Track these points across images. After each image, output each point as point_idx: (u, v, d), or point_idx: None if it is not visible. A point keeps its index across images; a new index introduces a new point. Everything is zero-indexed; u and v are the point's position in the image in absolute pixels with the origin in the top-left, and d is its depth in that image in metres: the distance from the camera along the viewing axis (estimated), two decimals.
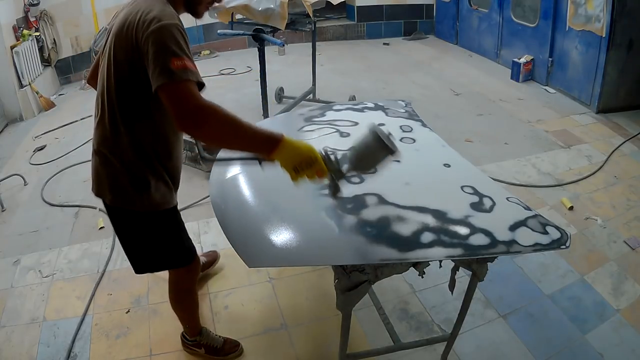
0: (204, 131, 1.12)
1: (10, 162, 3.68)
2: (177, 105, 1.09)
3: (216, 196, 1.64)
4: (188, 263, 1.62)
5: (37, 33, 4.77)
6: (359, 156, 1.24)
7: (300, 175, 1.19)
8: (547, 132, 3.86)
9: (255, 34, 3.52)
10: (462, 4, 6.27)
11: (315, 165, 1.18)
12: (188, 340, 1.89)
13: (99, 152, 1.35)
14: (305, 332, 2.02)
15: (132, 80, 1.22)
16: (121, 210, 1.41)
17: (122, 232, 1.50)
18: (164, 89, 1.10)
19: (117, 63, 1.22)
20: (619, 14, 3.80)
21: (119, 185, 1.35)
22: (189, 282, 1.72)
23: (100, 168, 1.36)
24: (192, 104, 1.09)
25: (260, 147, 1.17)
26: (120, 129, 1.29)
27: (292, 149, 1.17)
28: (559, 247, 1.32)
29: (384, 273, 1.35)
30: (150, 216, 1.42)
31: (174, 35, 1.12)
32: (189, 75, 1.11)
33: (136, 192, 1.35)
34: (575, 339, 1.96)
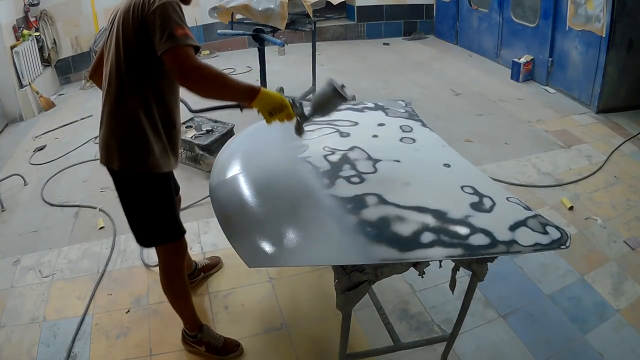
0: (201, 85, 1.35)
1: (10, 162, 3.68)
2: (180, 65, 1.32)
3: (216, 196, 1.65)
4: (177, 238, 1.70)
5: (37, 33, 4.77)
6: (319, 103, 1.50)
7: (273, 118, 1.46)
8: (547, 132, 3.86)
9: (255, 34, 3.53)
10: (462, 4, 6.27)
11: (285, 110, 1.46)
12: (189, 336, 1.89)
13: (108, 121, 1.50)
14: (305, 332, 2.02)
15: (139, 52, 1.41)
16: (128, 174, 1.54)
17: (127, 197, 1.61)
18: (169, 52, 1.31)
19: (125, 39, 1.41)
20: (619, 14, 3.80)
21: (126, 149, 1.50)
22: (176, 264, 1.76)
23: (108, 136, 1.50)
24: (192, 63, 1.32)
25: (244, 96, 1.44)
26: (128, 98, 1.46)
27: (267, 98, 1.44)
28: (559, 247, 1.32)
29: (384, 273, 1.35)
30: (153, 178, 1.56)
31: (176, 10, 1.36)
32: (189, 40, 1.34)
33: (142, 155, 1.50)
34: (575, 339, 1.96)
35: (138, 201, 1.60)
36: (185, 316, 1.87)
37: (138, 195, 1.59)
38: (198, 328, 1.88)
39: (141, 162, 1.51)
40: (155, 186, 1.58)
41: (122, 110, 1.47)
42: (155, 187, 1.59)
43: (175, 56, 1.32)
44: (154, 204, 1.61)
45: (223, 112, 4.09)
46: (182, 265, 1.80)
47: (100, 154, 1.56)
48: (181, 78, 1.33)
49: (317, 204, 1.45)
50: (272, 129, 1.57)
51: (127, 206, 1.63)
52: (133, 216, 1.64)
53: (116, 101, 1.47)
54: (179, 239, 1.71)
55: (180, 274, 1.80)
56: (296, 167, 1.66)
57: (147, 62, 1.42)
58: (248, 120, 2.21)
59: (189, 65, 1.32)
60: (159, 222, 1.65)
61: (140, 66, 1.43)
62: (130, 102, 1.46)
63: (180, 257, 1.76)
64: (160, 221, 1.65)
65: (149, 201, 1.60)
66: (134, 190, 1.58)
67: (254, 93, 1.42)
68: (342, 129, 1.90)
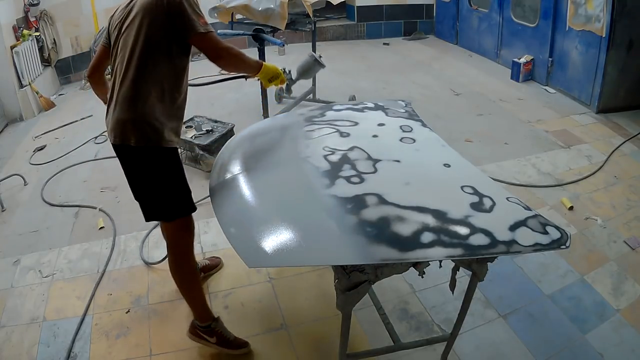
0: (229, 62, 1.73)
1: (10, 162, 3.68)
2: (213, 47, 1.65)
3: (216, 196, 1.65)
4: (190, 211, 1.78)
5: (37, 33, 4.77)
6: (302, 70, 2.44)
7: (271, 83, 1.92)
8: (547, 132, 3.86)
9: (255, 34, 3.52)
10: (462, 4, 6.27)
11: (280, 77, 1.92)
12: (200, 327, 1.87)
13: (125, 101, 1.61)
14: (305, 332, 2.02)
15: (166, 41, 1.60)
16: (145, 149, 1.63)
17: (142, 172, 1.69)
18: (199, 37, 1.60)
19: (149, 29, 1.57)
20: (619, 14, 3.80)
21: (143, 125, 1.61)
22: (186, 241, 1.81)
23: (125, 115, 1.61)
24: (220, 46, 1.66)
25: (253, 69, 1.85)
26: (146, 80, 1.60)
27: (268, 69, 1.87)
28: (559, 247, 1.32)
29: (384, 273, 1.35)
30: (167, 151, 1.67)
31: (197, 3, 1.63)
32: (210, 28, 1.64)
33: (157, 130, 1.63)
34: (575, 339, 1.96)
35: (154, 175, 1.68)
36: (197, 304, 1.86)
37: (154, 169, 1.67)
38: (212, 318, 1.87)
39: (156, 137, 1.62)
40: (170, 159, 1.69)
41: (140, 91, 1.60)
42: (170, 161, 1.69)
43: (208, 40, 1.62)
44: (169, 177, 1.70)
45: (223, 112, 4.11)
46: (191, 243, 1.85)
47: (114, 133, 1.64)
48: (215, 58, 1.66)
49: (317, 204, 1.45)
50: (271, 129, 1.57)
51: (140, 182, 1.71)
52: (147, 192, 1.71)
53: (134, 83, 1.59)
54: (190, 212, 1.78)
55: (190, 254, 1.84)
56: (296, 167, 1.66)
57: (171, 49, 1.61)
58: (248, 121, 2.21)
59: (220, 47, 1.65)
60: (173, 195, 1.72)
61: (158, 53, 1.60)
62: (147, 83, 1.60)
63: (190, 233, 1.83)
64: (175, 194, 1.73)
65: (165, 174, 1.69)
66: (150, 165, 1.67)
67: (259, 66, 1.85)
68: (342, 129, 1.90)
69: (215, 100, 4.48)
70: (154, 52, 1.60)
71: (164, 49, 1.60)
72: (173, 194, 1.73)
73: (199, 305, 1.87)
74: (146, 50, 1.59)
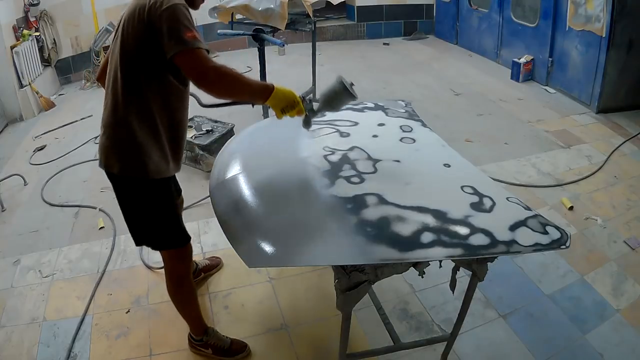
0: (218, 86, 1.37)
1: (10, 162, 3.68)
2: (195, 67, 1.33)
3: (216, 196, 1.64)
4: (181, 244, 1.67)
5: (37, 33, 4.77)
6: (327, 99, 1.55)
7: (285, 114, 1.51)
8: (547, 132, 3.86)
9: (255, 34, 3.53)
10: (462, 4, 6.27)
11: (296, 107, 1.51)
12: (195, 340, 1.89)
13: (107, 126, 1.49)
14: (305, 332, 2.02)
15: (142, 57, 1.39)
16: (128, 179, 1.53)
17: (126, 202, 1.60)
18: (181, 55, 1.32)
19: (129, 43, 1.39)
20: (619, 14, 3.80)
21: (125, 154, 1.49)
22: (182, 269, 1.74)
23: (108, 141, 1.50)
24: (207, 66, 1.33)
25: (259, 95, 1.46)
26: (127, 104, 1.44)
27: (281, 95, 1.47)
28: (559, 247, 1.32)
29: (384, 273, 1.35)
30: (152, 183, 1.54)
31: (184, 13, 1.34)
32: (199, 43, 1.33)
33: (140, 160, 1.49)
34: (575, 339, 1.96)
35: (138, 206, 1.59)
36: (191, 321, 1.86)
37: (138, 200, 1.58)
38: (203, 331, 1.87)
39: (139, 167, 1.50)
40: (154, 192, 1.57)
41: (121, 116, 1.46)
42: (155, 193, 1.57)
43: (189, 58, 1.33)
44: (153, 209, 1.60)
45: (223, 112, 4.08)
46: (188, 271, 1.78)
47: (100, 157, 1.55)
48: (199, 80, 1.34)
49: (317, 204, 1.45)
50: (271, 129, 1.57)
51: (126, 211, 1.62)
52: (133, 221, 1.63)
53: (115, 106, 1.46)
54: (183, 245, 1.68)
55: (187, 280, 1.78)
56: (296, 167, 1.66)
57: (151, 68, 1.41)
58: (248, 121, 2.21)
59: (206, 66, 1.33)
60: (160, 227, 1.63)
61: (143, 72, 1.42)
62: (129, 107, 1.45)
63: (185, 263, 1.74)
64: (161, 227, 1.63)
65: (150, 206, 1.59)
66: (134, 196, 1.57)
67: (268, 91, 1.45)
68: (342, 129, 1.90)
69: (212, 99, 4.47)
70: (136, 76, 1.42)
71: (148, 69, 1.41)
72: (160, 227, 1.63)
73: (193, 321, 1.86)
74: (128, 72, 1.42)
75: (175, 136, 1.58)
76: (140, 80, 1.42)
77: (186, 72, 1.37)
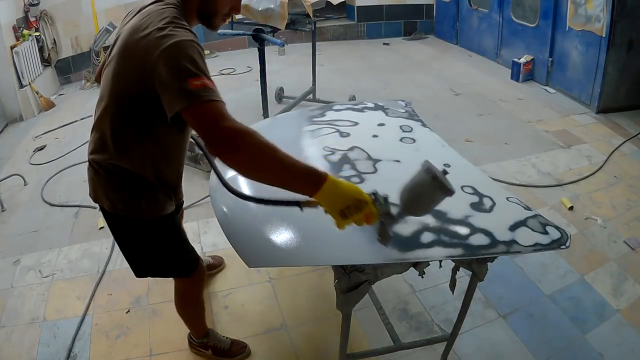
0: (239, 158, 1.01)
1: (10, 162, 3.68)
2: (208, 130, 1.00)
3: (216, 196, 1.64)
4: (188, 274, 1.57)
5: (37, 33, 4.77)
6: (413, 197, 1.07)
7: (347, 220, 1.04)
8: (547, 132, 3.86)
9: (255, 34, 3.52)
10: (462, 4, 6.27)
11: (364, 209, 1.03)
12: (195, 342, 1.89)
13: (93, 162, 1.30)
14: (305, 332, 2.02)
15: (138, 102, 1.15)
16: (119, 217, 1.37)
17: (120, 238, 1.48)
18: (188, 113, 1.01)
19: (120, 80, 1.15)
20: (619, 14, 3.80)
21: (115, 193, 1.31)
22: (193, 291, 1.68)
23: (95, 176, 1.31)
24: (225, 127, 0.98)
25: (302, 183, 1.02)
26: (119, 144, 1.23)
27: (338, 190, 1.02)
28: (559, 247, 1.32)
29: (384, 273, 1.35)
30: (147, 223, 1.38)
31: (189, 53, 1.03)
32: (212, 94, 1.01)
33: (133, 200, 1.31)
34: (575, 339, 1.96)
35: (135, 245, 1.45)
36: (194, 328, 1.86)
37: (134, 239, 1.42)
38: (205, 334, 1.87)
39: (132, 208, 1.31)
40: (152, 230, 1.39)
41: (108, 160, 1.25)
42: (153, 231, 1.40)
43: (199, 118, 1.00)
44: (153, 247, 1.44)
45: None
46: (200, 289, 1.69)
47: (89, 188, 1.36)
48: (211, 146, 1.00)
49: None
50: (272, 129, 1.55)
51: (123, 247, 1.47)
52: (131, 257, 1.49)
53: (101, 145, 1.25)
54: (192, 272, 1.56)
55: (196, 301, 1.72)
56: None
57: (144, 118, 1.17)
58: (248, 120, 2.20)
59: (221, 129, 0.98)
60: (162, 262, 1.50)
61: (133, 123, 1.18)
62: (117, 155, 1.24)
63: (198, 282, 1.63)
64: (164, 261, 1.50)
65: (148, 245, 1.43)
66: (129, 235, 1.42)
67: (318, 181, 1.01)
68: (342, 129, 1.90)
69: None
70: (129, 116, 1.17)
71: (140, 121, 1.16)
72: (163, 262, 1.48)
73: (196, 326, 1.85)
74: (118, 113, 1.17)
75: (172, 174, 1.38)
76: (130, 135, 1.20)
77: (202, 136, 1.05)
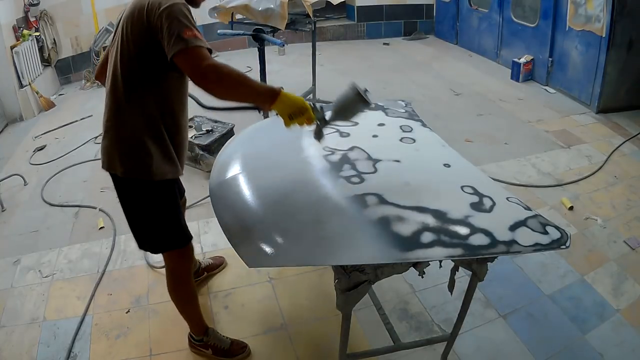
0: (218, 85, 1.32)
1: (10, 162, 3.68)
2: (194, 66, 1.29)
3: (216, 196, 1.64)
4: (184, 244, 1.68)
5: (37, 33, 4.77)
6: (340, 107, 1.44)
7: (292, 121, 1.40)
8: (547, 132, 3.86)
9: (255, 34, 3.53)
10: (462, 4, 6.27)
11: (305, 114, 1.40)
12: (195, 340, 1.89)
13: (109, 128, 1.49)
14: (305, 332, 2.02)
15: (142, 58, 1.39)
16: (131, 181, 1.53)
17: (128, 203, 1.60)
18: (181, 54, 1.29)
19: (129, 44, 1.39)
20: (619, 14, 3.80)
21: (128, 156, 1.49)
22: (183, 269, 1.75)
23: (110, 143, 1.49)
24: (207, 64, 1.29)
25: (263, 98, 1.38)
26: (129, 106, 1.45)
27: (288, 100, 1.38)
28: (559, 247, 1.32)
29: (384, 273, 1.35)
30: (156, 185, 1.54)
31: (183, 12, 1.33)
32: (200, 42, 1.31)
33: (144, 163, 1.49)
34: (575, 339, 1.96)
35: (141, 208, 1.59)
36: (192, 320, 1.87)
37: (141, 202, 1.57)
38: (204, 331, 1.88)
39: (143, 169, 1.50)
40: (158, 193, 1.57)
41: (123, 118, 1.47)
42: (159, 195, 1.57)
43: (189, 57, 1.30)
44: (157, 211, 1.59)
45: (223, 112, 4.10)
46: (189, 270, 1.79)
47: (103, 159, 1.55)
48: (198, 79, 1.30)
49: (317, 204, 1.45)
50: (272, 129, 1.56)
51: (129, 213, 1.62)
52: (136, 223, 1.63)
53: (116, 108, 1.47)
54: (185, 245, 1.69)
55: (188, 279, 1.79)
56: (296, 167, 1.66)
57: (150, 67, 1.41)
58: (248, 121, 2.21)
59: (205, 65, 1.29)
60: (163, 229, 1.63)
61: (142, 72, 1.42)
62: (131, 109, 1.45)
63: (187, 262, 1.75)
64: (165, 228, 1.63)
65: (153, 208, 1.58)
66: (137, 198, 1.57)
67: (274, 95, 1.37)
68: (342, 129, 1.90)
69: (215, 100, 4.48)
70: (137, 75, 1.42)
71: (148, 71, 1.42)
72: (162, 228, 1.63)
73: (193, 321, 1.87)
74: (128, 72, 1.42)
75: (176, 137, 1.57)
76: (140, 81, 1.43)
77: (185, 72, 1.34)
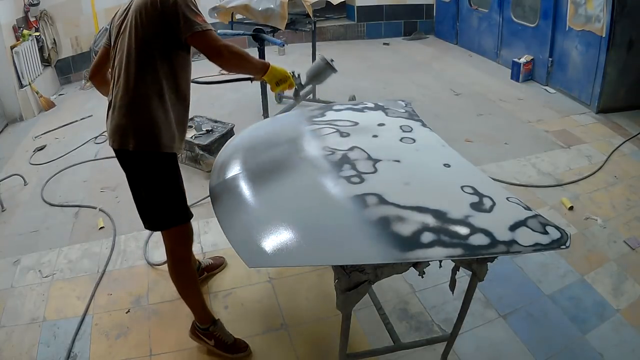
0: (229, 60, 1.63)
1: (10, 162, 3.68)
2: (210, 46, 1.57)
3: (216, 196, 1.65)
4: (185, 220, 1.76)
5: (37, 33, 4.77)
6: (313, 74, 2.15)
7: (278, 87, 1.83)
8: (547, 132, 3.86)
9: (255, 34, 3.53)
10: (462, 4, 6.27)
11: (288, 81, 1.85)
12: (199, 328, 1.88)
13: (123, 105, 1.60)
14: (305, 332, 2.02)
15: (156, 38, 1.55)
16: (142, 154, 1.63)
17: (138, 178, 1.67)
18: (196, 35, 1.54)
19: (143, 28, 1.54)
20: (619, 14, 3.80)
21: (141, 130, 1.60)
22: (183, 251, 1.80)
23: (124, 119, 1.60)
24: (220, 44, 1.58)
25: (258, 70, 1.77)
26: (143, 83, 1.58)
27: (275, 72, 1.80)
28: (559, 247, 1.32)
29: (384, 273, 1.35)
30: (165, 157, 1.66)
31: (193, 1, 1.58)
32: (210, 26, 1.58)
33: (155, 135, 1.61)
34: (575, 339, 1.96)
35: (149, 181, 1.66)
36: (196, 307, 1.87)
37: (150, 174, 1.65)
38: (211, 321, 1.88)
39: (154, 141, 1.61)
40: (166, 165, 1.67)
41: (136, 94, 1.58)
42: (167, 167, 1.67)
43: (204, 38, 1.55)
44: (164, 183, 1.67)
45: (223, 112, 4.11)
46: (189, 250, 1.84)
47: (113, 138, 1.63)
48: (215, 56, 1.58)
49: (317, 204, 1.45)
50: (272, 129, 1.56)
51: (137, 187, 1.69)
52: (143, 198, 1.69)
53: (129, 87, 1.57)
54: (186, 221, 1.76)
55: (188, 260, 1.84)
56: (296, 167, 1.66)
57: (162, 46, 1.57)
58: (248, 120, 2.21)
59: (220, 45, 1.57)
60: (168, 202, 1.69)
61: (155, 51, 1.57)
62: (145, 88, 1.58)
63: (188, 241, 1.81)
64: (170, 201, 1.70)
65: (160, 180, 1.67)
66: (147, 170, 1.65)
67: (266, 67, 1.76)
68: (342, 129, 1.90)
69: (215, 100, 4.48)
70: (150, 55, 1.57)
71: (160, 51, 1.57)
72: (168, 201, 1.69)
73: (198, 308, 1.87)
74: (142, 53, 1.56)
75: (183, 111, 1.71)
76: (154, 58, 1.57)
77: (202, 50, 1.57)
